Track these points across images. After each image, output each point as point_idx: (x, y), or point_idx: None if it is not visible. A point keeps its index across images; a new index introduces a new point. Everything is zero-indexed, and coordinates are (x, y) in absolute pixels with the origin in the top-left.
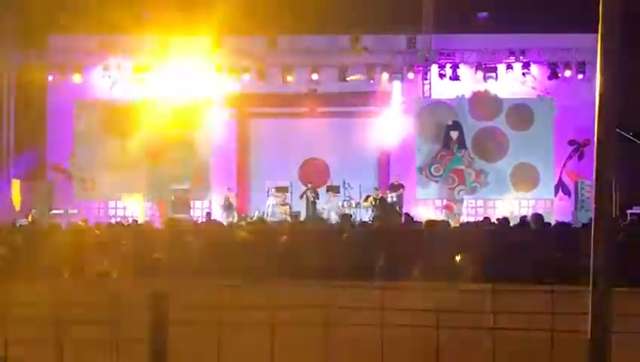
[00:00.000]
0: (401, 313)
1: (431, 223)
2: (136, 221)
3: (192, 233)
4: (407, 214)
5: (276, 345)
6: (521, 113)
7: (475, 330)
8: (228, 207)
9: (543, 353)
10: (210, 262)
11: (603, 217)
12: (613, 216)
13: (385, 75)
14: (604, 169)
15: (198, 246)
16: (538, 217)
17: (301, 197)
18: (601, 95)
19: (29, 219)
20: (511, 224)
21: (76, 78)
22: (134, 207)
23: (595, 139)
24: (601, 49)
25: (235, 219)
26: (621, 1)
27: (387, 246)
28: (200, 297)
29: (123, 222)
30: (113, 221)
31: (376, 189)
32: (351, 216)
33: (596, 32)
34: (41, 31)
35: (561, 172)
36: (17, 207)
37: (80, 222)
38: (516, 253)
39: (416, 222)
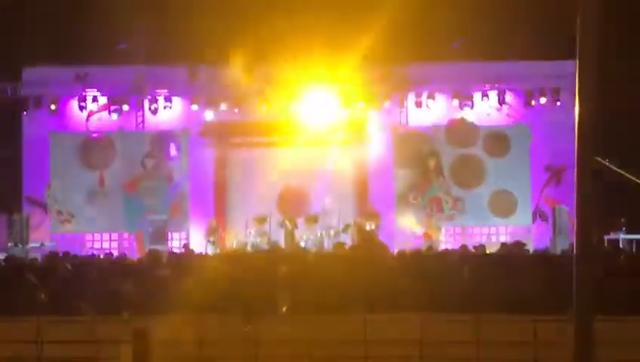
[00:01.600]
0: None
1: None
2: (112, 254)
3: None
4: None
5: None
6: (497, 140)
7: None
8: (213, 232)
9: None
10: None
11: (584, 249)
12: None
13: (361, 104)
14: (585, 206)
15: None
16: (518, 244)
17: (280, 226)
18: (579, 128)
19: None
20: (489, 251)
21: (52, 110)
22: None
23: (575, 177)
24: (579, 84)
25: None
26: (596, 36)
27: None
28: None
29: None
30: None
31: (348, 224)
32: (344, 244)
33: (570, 58)
34: (16, 62)
35: (539, 198)
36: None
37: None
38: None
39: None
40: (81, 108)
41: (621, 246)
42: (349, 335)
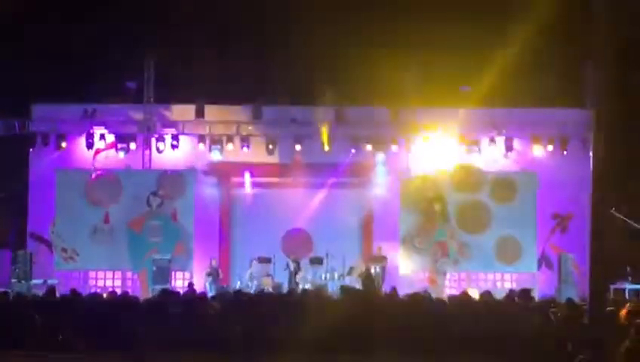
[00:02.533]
0: None
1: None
2: (116, 292)
3: None
4: (393, 288)
5: None
6: (504, 186)
7: None
8: (215, 275)
9: None
10: None
11: (599, 295)
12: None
13: (368, 147)
14: (598, 255)
15: None
16: (524, 292)
17: (285, 269)
18: (595, 173)
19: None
20: (495, 297)
21: (59, 147)
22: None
23: (591, 219)
24: (595, 131)
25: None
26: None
27: None
28: None
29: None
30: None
31: (353, 266)
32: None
33: (579, 106)
34: (25, 99)
35: (544, 245)
36: None
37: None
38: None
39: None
40: (89, 145)
41: (627, 296)
42: None
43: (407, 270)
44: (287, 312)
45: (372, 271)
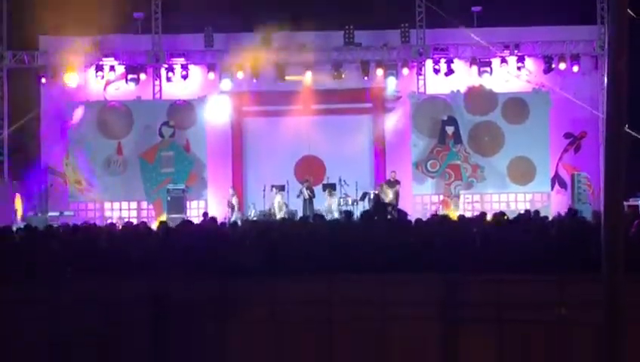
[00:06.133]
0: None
1: None
2: (132, 222)
3: None
4: (400, 210)
5: None
6: (516, 107)
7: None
8: (232, 207)
9: (555, 342)
10: None
11: (614, 207)
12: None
13: (379, 71)
14: (614, 161)
15: None
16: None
17: (298, 196)
18: (609, 89)
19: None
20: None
21: (69, 80)
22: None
23: (604, 129)
24: (609, 49)
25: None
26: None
27: None
28: None
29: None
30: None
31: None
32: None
33: (590, 23)
34: (32, 32)
35: (557, 165)
36: (19, 211)
37: None
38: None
39: None
40: (99, 77)
41: None
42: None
43: (419, 194)
44: (303, 236)
45: (388, 195)
